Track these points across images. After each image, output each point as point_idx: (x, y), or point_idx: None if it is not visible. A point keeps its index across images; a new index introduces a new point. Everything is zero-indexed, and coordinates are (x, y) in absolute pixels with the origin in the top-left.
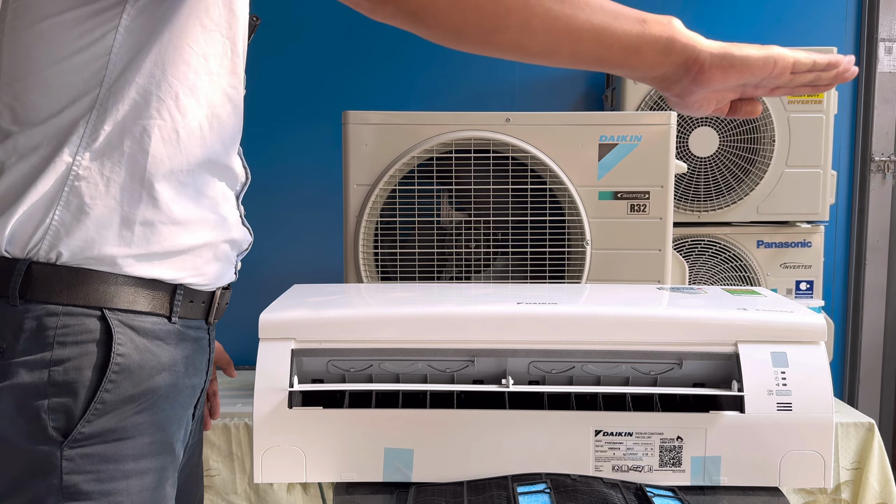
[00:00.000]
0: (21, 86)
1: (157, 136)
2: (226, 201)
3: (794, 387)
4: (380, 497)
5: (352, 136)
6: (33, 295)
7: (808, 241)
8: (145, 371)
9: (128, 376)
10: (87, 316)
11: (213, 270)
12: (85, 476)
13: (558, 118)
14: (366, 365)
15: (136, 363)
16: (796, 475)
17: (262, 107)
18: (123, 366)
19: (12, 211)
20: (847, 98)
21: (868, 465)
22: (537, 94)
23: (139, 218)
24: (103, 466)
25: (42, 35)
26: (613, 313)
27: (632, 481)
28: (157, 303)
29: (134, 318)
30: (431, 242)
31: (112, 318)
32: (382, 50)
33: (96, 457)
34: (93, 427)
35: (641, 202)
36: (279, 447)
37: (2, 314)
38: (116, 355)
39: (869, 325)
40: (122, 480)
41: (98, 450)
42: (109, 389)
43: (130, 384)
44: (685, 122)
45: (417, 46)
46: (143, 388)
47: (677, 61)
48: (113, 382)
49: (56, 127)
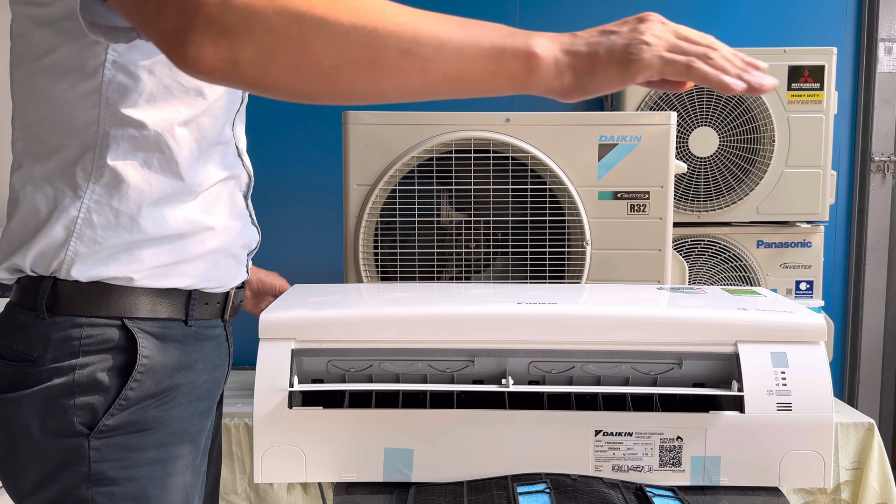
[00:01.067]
0: (31, 118)
1: (156, 166)
2: (233, 205)
3: (794, 387)
4: (380, 497)
5: (352, 136)
6: (59, 309)
7: (808, 241)
8: (166, 371)
9: (150, 376)
10: (109, 326)
11: (224, 274)
12: (111, 464)
13: (558, 118)
14: (366, 365)
15: (159, 364)
16: (796, 475)
17: (262, 107)
18: (147, 366)
19: (32, 241)
20: (847, 98)
21: (868, 465)
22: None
23: (148, 241)
24: (127, 455)
25: (45, 69)
26: (613, 313)
27: (632, 481)
28: (174, 309)
29: (152, 325)
30: (431, 242)
31: (132, 326)
32: None
33: (120, 447)
34: (116, 420)
35: (641, 202)
36: (279, 447)
37: (32, 327)
38: (142, 357)
39: (869, 325)
40: (144, 467)
41: (122, 440)
42: (133, 388)
43: (152, 383)
44: (685, 123)
45: None
46: (163, 385)
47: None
48: (137, 381)
49: (66, 159)
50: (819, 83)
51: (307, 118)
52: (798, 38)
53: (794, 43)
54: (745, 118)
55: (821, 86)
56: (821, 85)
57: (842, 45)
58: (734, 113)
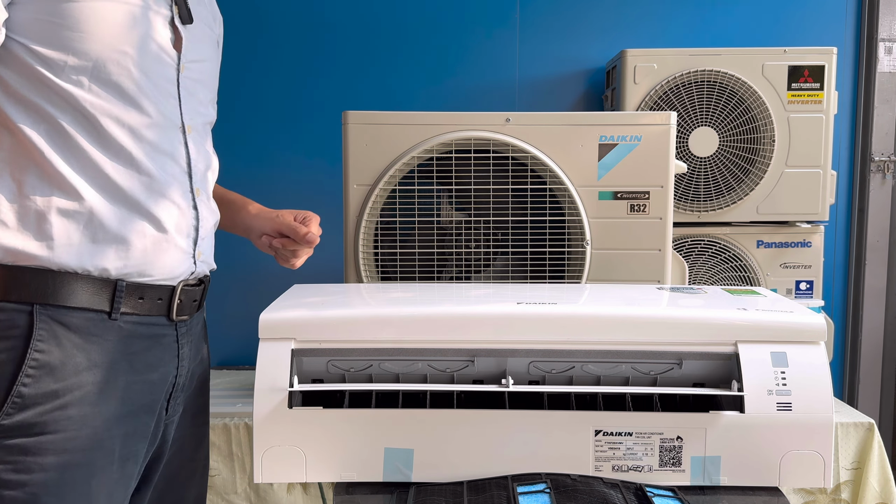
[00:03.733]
0: None
1: (60, 133)
2: (167, 188)
3: (794, 387)
4: (380, 497)
5: (352, 136)
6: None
7: (808, 241)
8: (69, 367)
9: (49, 372)
10: (18, 312)
11: (160, 263)
12: (2, 467)
13: (558, 118)
14: (366, 365)
15: (58, 359)
16: (796, 475)
17: (262, 107)
18: (42, 361)
19: None
20: (847, 98)
21: (868, 465)
22: (537, 94)
23: (55, 212)
24: (21, 458)
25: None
26: (613, 313)
27: (632, 481)
28: (96, 298)
29: (66, 315)
30: (431, 242)
31: (42, 313)
32: (382, 50)
33: (16, 449)
34: (13, 420)
35: (641, 202)
36: (279, 447)
37: None
38: (34, 351)
39: (869, 325)
40: (39, 473)
41: (19, 442)
42: (27, 384)
43: (52, 379)
44: (685, 123)
45: (418, 46)
46: (67, 383)
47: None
48: (31, 377)
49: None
50: (819, 83)
51: (307, 118)
52: (798, 38)
53: (794, 43)
54: (745, 118)
55: (821, 86)
56: (821, 85)
57: (842, 45)
58: (734, 113)
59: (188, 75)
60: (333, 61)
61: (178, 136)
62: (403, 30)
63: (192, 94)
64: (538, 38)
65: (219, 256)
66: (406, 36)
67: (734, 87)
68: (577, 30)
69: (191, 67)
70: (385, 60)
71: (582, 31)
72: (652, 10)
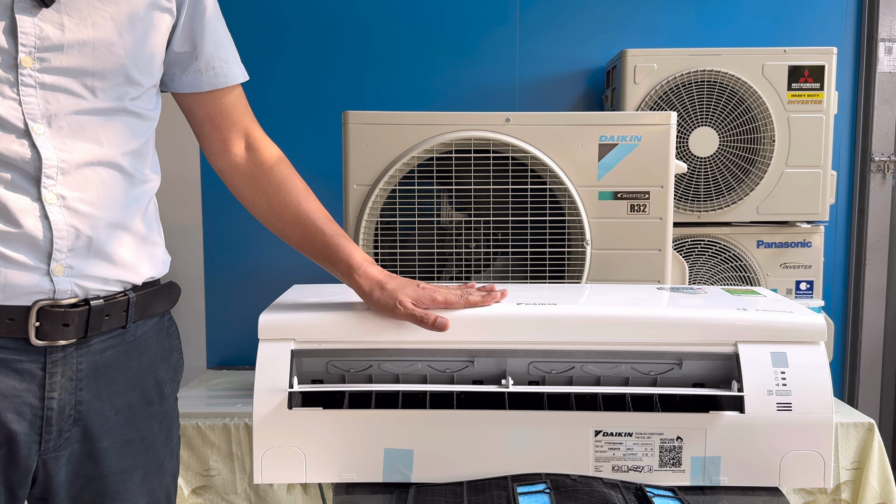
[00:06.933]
0: None
1: None
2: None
3: (794, 387)
4: (380, 497)
5: (352, 136)
6: None
7: (808, 241)
8: None
9: None
10: None
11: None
12: None
13: (558, 118)
14: (365, 365)
15: None
16: (796, 475)
17: (261, 107)
18: None
19: None
20: (847, 98)
21: (868, 465)
22: (537, 94)
23: None
24: None
25: None
26: (613, 313)
27: (632, 481)
28: None
29: None
30: (431, 242)
31: None
32: (382, 50)
33: None
34: None
35: (641, 202)
36: (279, 448)
37: None
38: None
39: (869, 325)
40: None
41: None
42: None
43: None
44: (685, 123)
45: (418, 47)
46: None
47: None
48: None
49: None
50: (819, 83)
51: (307, 118)
52: (798, 37)
53: (794, 43)
54: (745, 118)
55: (821, 86)
56: (821, 85)
57: (842, 45)
58: (734, 113)
59: (52, 65)
60: (333, 61)
61: (15, 139)
62: (403, 30)
63: (61, 87)
64: (538, 37)
65: (219, 256)
66: (406, 36)
67: (734, 87)
68: (577, 30)
69: (56, 58)
70: (385, 60)
71: (582, 31)
72: (652, 10)
